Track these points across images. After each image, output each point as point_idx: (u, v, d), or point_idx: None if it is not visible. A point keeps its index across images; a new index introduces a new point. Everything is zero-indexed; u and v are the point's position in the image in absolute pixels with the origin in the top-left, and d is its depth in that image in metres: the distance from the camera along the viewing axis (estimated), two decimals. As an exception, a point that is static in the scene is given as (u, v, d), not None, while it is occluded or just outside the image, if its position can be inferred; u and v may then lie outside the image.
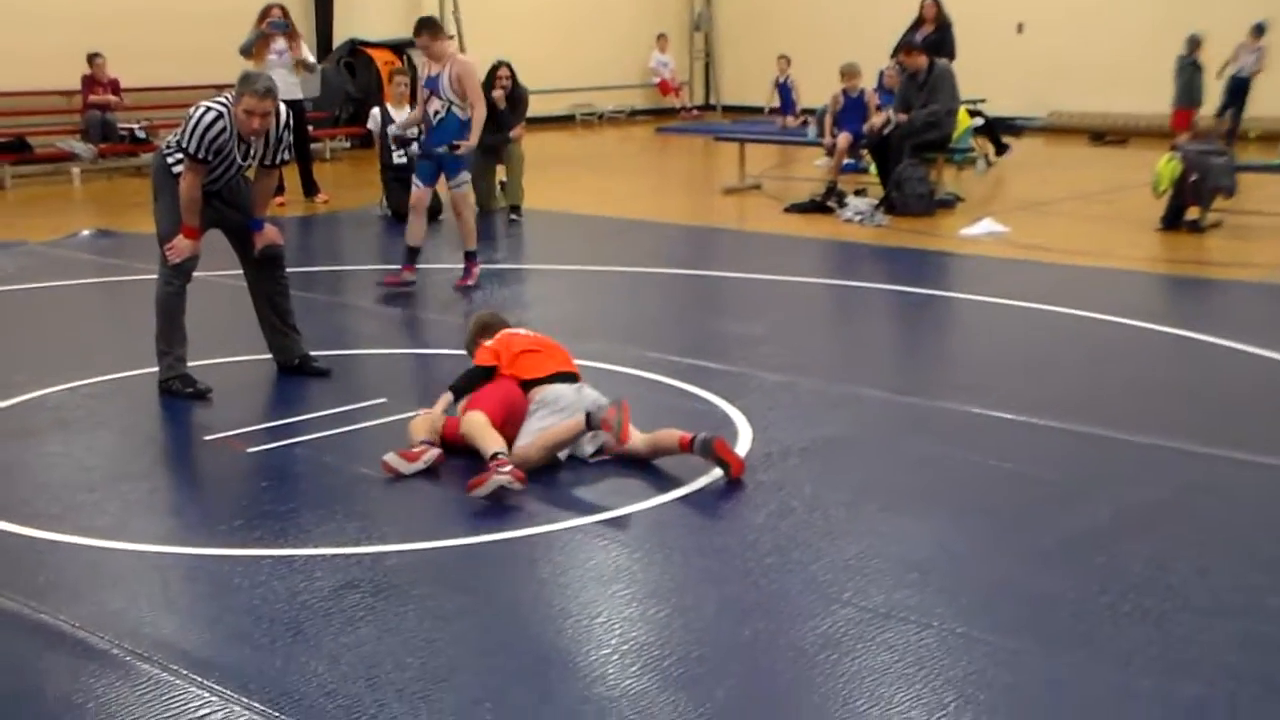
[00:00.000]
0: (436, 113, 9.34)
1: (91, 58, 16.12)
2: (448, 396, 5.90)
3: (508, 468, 5.30)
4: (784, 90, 21.06)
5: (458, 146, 9.33)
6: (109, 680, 3.87)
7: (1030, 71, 20.36)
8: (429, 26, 9.40)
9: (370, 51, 19.03)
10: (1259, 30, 17.19)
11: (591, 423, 5.62)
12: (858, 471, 5.70)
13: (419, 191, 9.61)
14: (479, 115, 9.37)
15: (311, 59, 14.01)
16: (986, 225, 11.81)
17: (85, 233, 11.81)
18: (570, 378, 5.98)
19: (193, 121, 6.57)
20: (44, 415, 6.54)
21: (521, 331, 6.26)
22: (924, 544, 4.87)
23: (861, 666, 3.94)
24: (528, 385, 5.87)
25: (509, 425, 5.73)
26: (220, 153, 6.63)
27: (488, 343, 6.10)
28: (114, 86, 16.33)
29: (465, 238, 9.71)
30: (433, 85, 9.29)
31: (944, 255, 11.02)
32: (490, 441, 5.48)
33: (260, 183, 7.03)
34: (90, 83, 16.19)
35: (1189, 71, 16.87)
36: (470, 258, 9.67)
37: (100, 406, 6.69)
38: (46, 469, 5.80)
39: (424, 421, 5.85)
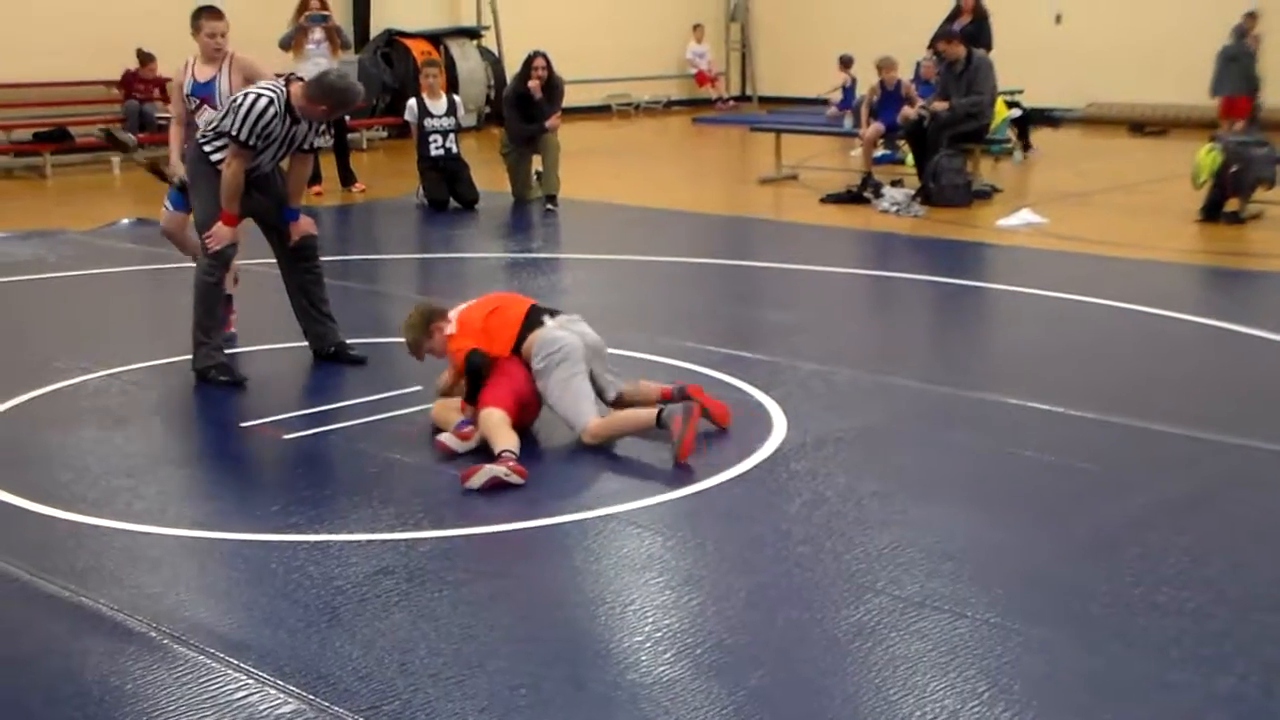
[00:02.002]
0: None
1: (145, 59, 16.33)
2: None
3: (511, 462, 5.33)
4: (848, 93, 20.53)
5: None
6: (146, 662, 3.91)
7: (1068, 62, 20.22)
8: (209, 10, 7.61)
9: (407, 42, 19.08)
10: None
11: (661, 421, 5.60)
12: (892, 461, 5.69)
13: (175, 215, 7.73)
14: None
15: (346, 57, 14.07)
16: (1024, 216, 11.75)
17: (124, 221, 11.89)
18: (540, 312, 5.98)
19: (243, 108, 6.59)
20: (84, 402, 6.60)
21: (462, 305, 6.14)
22: (958, 534, 4.86)
23: (894, 655, 3.94)
24: (516, 347, 5.87)
25: (523, 415, 5.81)
26: (267, 138, 6.66)
27: (448, 329, 5.98)
28: (159, 84, 16.45)
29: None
30: (205, 92, 7.51)
31: (981, 246, 10.97)
32: (503, 439, 5.49)
33: (295, 170, 7.07)
34: (134, 78, 16.42)
35: (1246, 59, 16.62)
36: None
37: (139, 393, 6.74)
38: (86, 454, 5.85)
39: (445, 408, 5.96)
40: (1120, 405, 6.30)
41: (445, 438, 5.70)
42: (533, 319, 5.94)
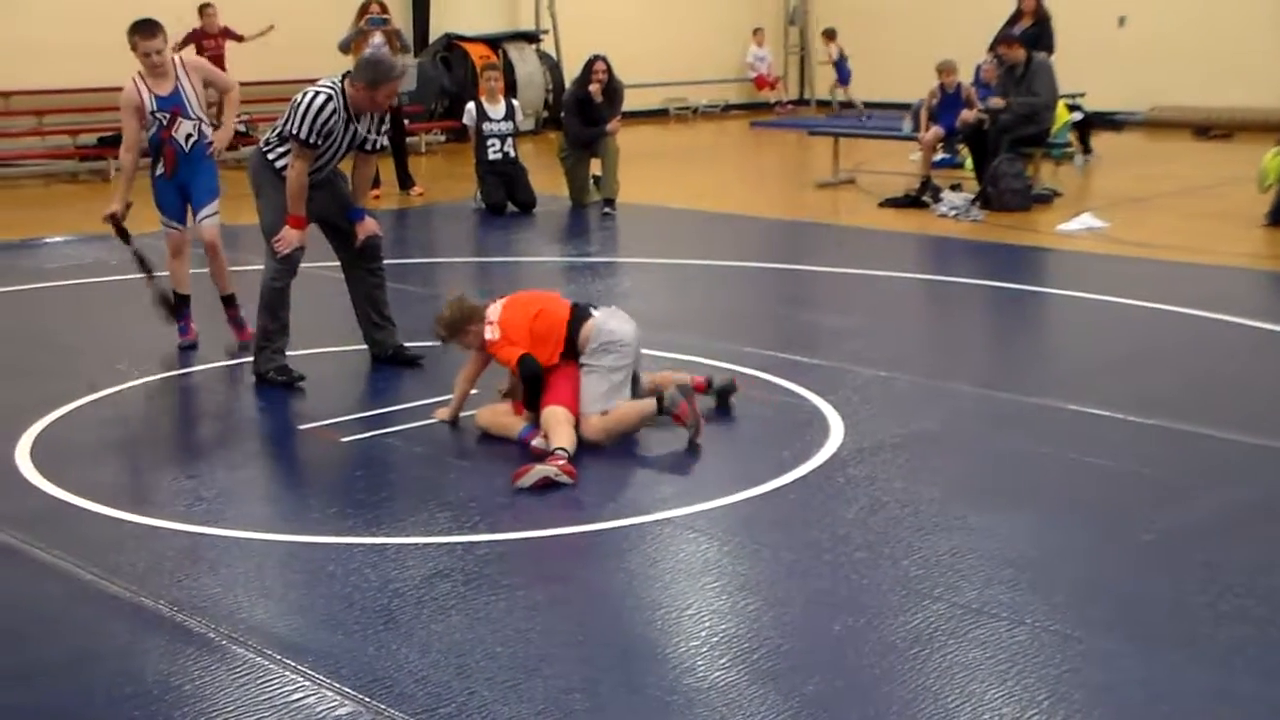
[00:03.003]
0: (189, 136, 7.48)
1: (202, 8, 15.77)
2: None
3: (561, 462, 5.35)
4: (840, 65, 22.13)
5: (210, 144, 7.57)
6: (205, 663, 3.94)
7: (1131, 65, 20.01)
8: (142, 29, 7.36)
9: (466, 46, 19.16)
10: None
11: (663, 408, 5.79)
12: (951, 467, 5.64)
13: (178, 235, 7.76)
14: (236, 97, 7.84)
15: (405, 60, 14.14)
16: (1085, 220, 11.64)
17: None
18: (582, 308, 6.05)
19: (302, 106, 6.63)
20: (144, 403, 6.67)
21: (499, 304, 6.05)
22: (1017, 540, 4.82)
23: (952, 662, 3.90)
24: (568, 346, 5.92)
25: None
26: (329, 137, 6.70)
27: (487, 333, 5.92)
28: (226, 34, 15.91)
29: (221, 278, 7.77)
30: (174, 103, 7.39)
31: (1041, 250, 10.88)
32: (561, 438, 5.53)
33: (359, 171, 7.11)
34: (199, 37, 15.65)
35: None
36: (230, 303, 7.79)
37: (198, 395, 6.81)
38: (146, 456, 5.91)
39: (496, 414, 5.99)
40: (1183, 412, 6.23)
41: (549, 472, 5.34)
42: (578, 315, 5.99)
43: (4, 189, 15.17)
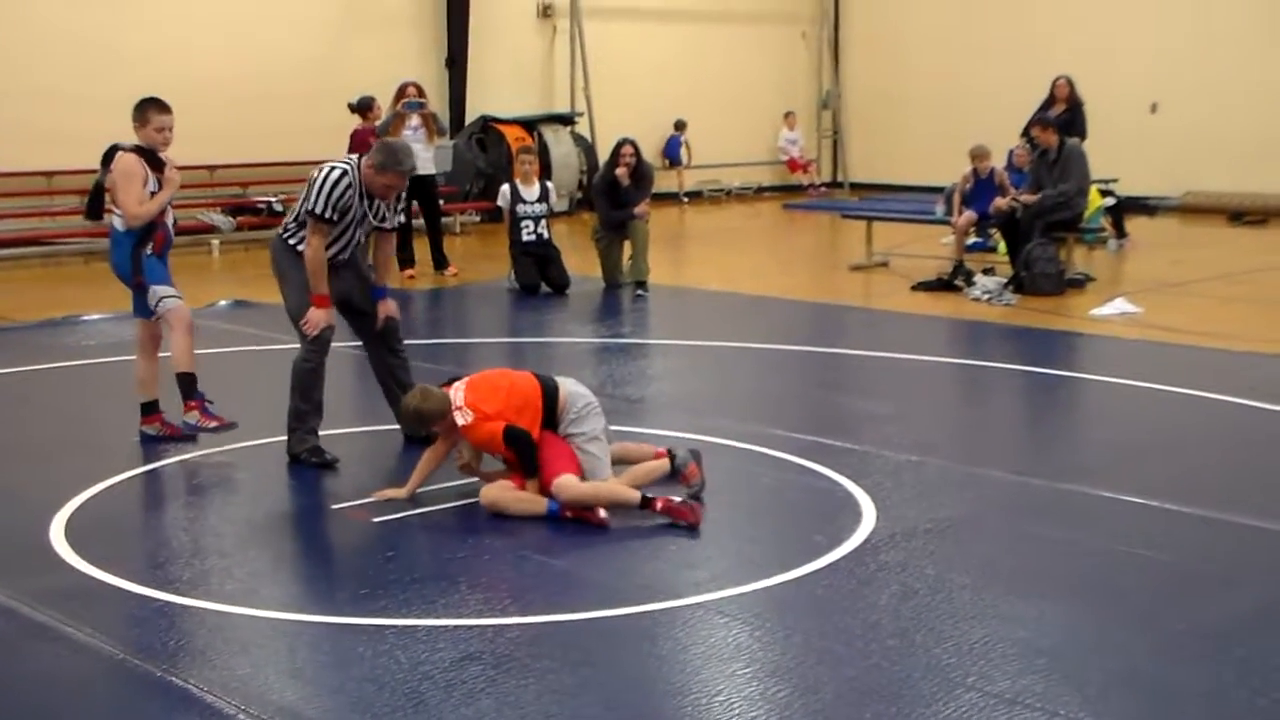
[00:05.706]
0: (174, 221, 7.66)
1: (369, 104, 13.83)
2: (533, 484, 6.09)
3: (677, 501, 5.79)
4: (675, 146, 22.64)
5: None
6: (234, 745, 3.93)
7: (1164, 151, 20.06)
8: (158, 103, 7.37)
9: (501, 128, 19.37)
10: None
11: (674, 465, 6.16)
12: (983, 554, 5.61)
13: (185, 306, 7.60)
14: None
15: (442, 142, 14.30)
16: (1118, 305, 11.62)
17: (223, 303, 12.12)
18: (547, 378, 6.29)
19: (319, 182, 6.74)
20: (179, 481, 6.70)
21: (462, 388, 6.18)
22: (1051, 629, 4.78)
23: (986, 754, 3.86)
24: (546, 417, 6.13)
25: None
26: (345, 213, 6.78)
27: (460, 419, 6.05)
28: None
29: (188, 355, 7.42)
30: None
31: (1074, 335, 10.86)
32: (625, 493, 5.86)
33: (381, 247, 7.23)
34: (366, 135, 13.14)
35: None
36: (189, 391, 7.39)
37: (232, 474, 6.83)
38: (179, 534, 5.93)
39: (513, 493, 6.05)
40: (1219, 501, 6.18)
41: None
42: (547, 385, 6.21)
43: (47, 267, 15.38)
